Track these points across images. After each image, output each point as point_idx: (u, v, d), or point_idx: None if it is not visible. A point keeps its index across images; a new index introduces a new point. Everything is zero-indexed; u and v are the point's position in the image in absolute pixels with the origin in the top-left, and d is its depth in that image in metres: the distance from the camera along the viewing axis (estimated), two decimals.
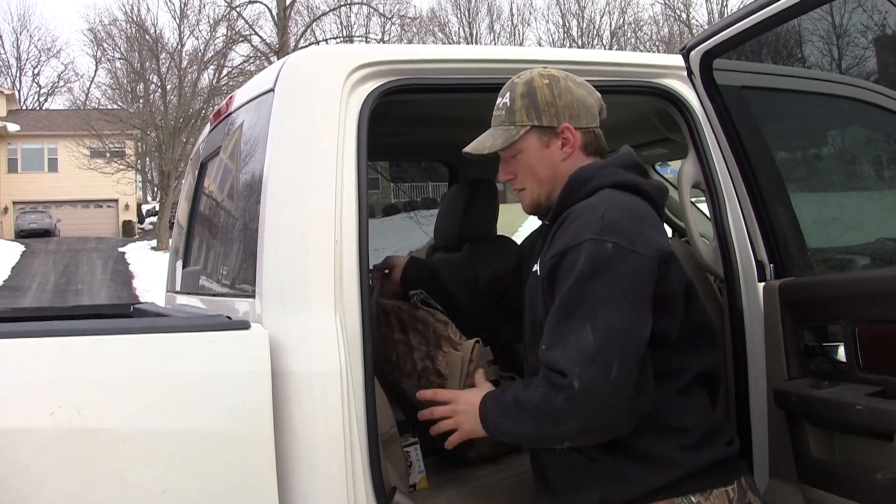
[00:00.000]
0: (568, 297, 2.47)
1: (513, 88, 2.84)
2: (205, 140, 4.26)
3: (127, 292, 29.41)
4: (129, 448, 2.52)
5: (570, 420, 2.44)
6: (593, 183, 2.70)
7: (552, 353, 2.45)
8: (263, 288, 2.84)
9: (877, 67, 3.44)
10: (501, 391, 2.73)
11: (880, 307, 2.76)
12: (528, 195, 2.87)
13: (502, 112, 2.84)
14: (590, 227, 2.50)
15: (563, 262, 2.52)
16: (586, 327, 2.41)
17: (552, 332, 2.48)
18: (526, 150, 2.81)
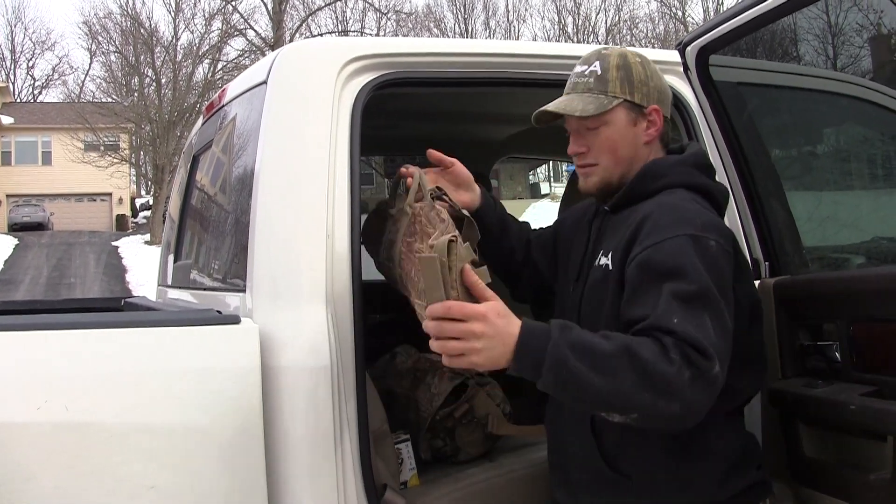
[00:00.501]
0: (686, 286, 2.26)
1: (603, 58, 2.68)
2: (197, 133, 4.24)
3: (120, 286, 29.40)
4: (118, 443, 2.50)
5: (678, 401, 2.14)
6: (667, 179, 2.61)
7: (687, 328, 2.18)
8: (254, 282, 2.82)
9: (872, 66, 3.43)
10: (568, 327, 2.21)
11: (876, 306, 2.75)
12: (600, 172, 2.68)
13: (589, 80, 2.67)
14: (688, 223, 2.39)
15: (661, 251, 2.34)
16: (706, 319, 2.23)
17: (677, 313, 2.21)
18: (612, 123, 2.65)
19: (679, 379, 2.12)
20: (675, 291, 2.25)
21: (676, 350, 2.15)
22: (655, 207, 2.49)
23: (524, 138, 5.51)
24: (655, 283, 2.30)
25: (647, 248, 2.38)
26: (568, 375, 2.14)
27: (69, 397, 2.46)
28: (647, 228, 2.44)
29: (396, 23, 56.47)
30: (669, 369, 2.12)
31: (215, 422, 2.59)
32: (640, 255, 2.38)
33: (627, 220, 2.55)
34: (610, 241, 2.61)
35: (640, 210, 2.54)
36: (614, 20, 62.81)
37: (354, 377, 2.75)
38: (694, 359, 2.14)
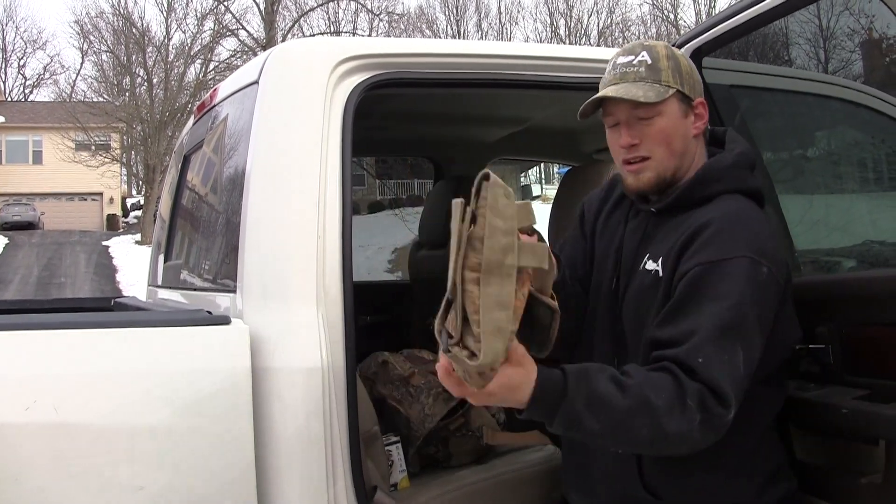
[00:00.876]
0: (728, 315, 2.24)
1: (650, 49, 2.58)
2: (188, 132, 4.23)
3: (110, 286, 29.37)
4: (106, 444, 2.49)
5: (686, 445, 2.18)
6: (723, 183, 2.54)
7: (713, 371, 2.18)
8: (245, 283, 2.81)
9: (863, 70, 3.43)
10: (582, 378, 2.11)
11: (868, 309, 2.74)
12: (654, 167, 2.55)
13: (640, 69, 2.54)
14: (747, 244, 2.34)
15: (716, 272, 2.30)
16: (739, 353, 2.22)
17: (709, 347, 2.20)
18: (666, 113, 2.53)
19: (690, 427, 2.13)
20: (716, 320, 2.24)
21: (695, 396, 2.14)
22: (717, 217, 2.42)
23: (516, 140, 5.51)
24: (698, 305, 2.28)
25: (701, 264, 2.33)
26: (580, 432, 2.13)
27: (58, 398, 2.45)
28: (704, 238, 2.38)
29: (388, 24, 56.52)
30: (682, 422, 2.12)
31: (205, 423, 2.58)
32: (693, 272, 2.34)
33: (681, 225, 2.49)
34: (660, 246, 2.53)
35: (696, 215, 2.47)
36: (606, 23, 62.95)
37: (345, 379, 2.74)
38: (709, 405, 2.15)
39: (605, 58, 3.32)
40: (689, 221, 2.47)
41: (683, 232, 2.44)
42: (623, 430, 2.13)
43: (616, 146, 2.61)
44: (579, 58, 3.37)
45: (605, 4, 67.04)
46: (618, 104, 2.54)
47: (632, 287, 2.58)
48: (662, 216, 2.60)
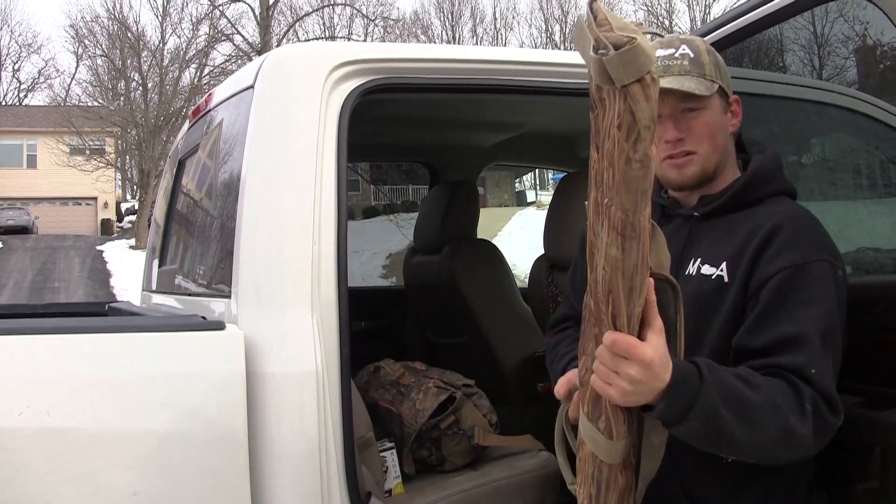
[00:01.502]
0: (826, 321, 2.22)
1: (689, 42, 2.50)
2: (183, 137, 4.23)
3: (104, 291, 29.32)
4: (100, 449, 2.48)
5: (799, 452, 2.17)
6: (773, 185, 2.50)
7: (826, 382, 2.16)
8: (240, 288, 2.80)
9: (859, 75, 3.43)
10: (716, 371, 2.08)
11: (864, 316, 2.74)
12: (698, 161, 2.49)
13: (683, 62, 2.46)
14: (824, 248, 2.32)
15: (803, 276, 2.25)
16: (831, 360, 2.20)
17: (818, 359, 2.18)
18: (712, 108, 2.47)
19: (808, 434, 2.11)
20: (818, 327, 2.21)
21: (811, 403, 2.12)
22: (786, 220, 2.36)
23: (511, 145, 5.52)
24: (791, 312, 2.24)
25: (785, 268, 2.28)
26: (715, 425, 2.05)
27: (52, 402, 2.45)
28: (781, 241, 2.32)
29: (384, 29, 56.49)
30: (804, 427, 2.10)
31: (199, 428, 2.57)
32: (779, 276, 2.27)
33: (738, 228, 2.44)
34: (716, 250, 2.45)
35: (756, 217, 2.42)
36: None
37: (340, 384, 2.74)
38: (824, 413, 2.14)
39: None
40: (750, 223, 2.41)
41: (751, 235, 2.37)
42: (756, 426, 2.08)
43: (659, 140, 2.51)
44: (575, 63, 3.37)
45: None
46: (664, 97, 2.38)
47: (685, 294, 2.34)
48: (706, 220, 2.54)
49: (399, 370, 3.70)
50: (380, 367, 3.76)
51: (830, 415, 2.14)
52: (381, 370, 3.75)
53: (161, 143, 42.19)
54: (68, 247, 42.27)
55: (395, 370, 3.71)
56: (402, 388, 3.59)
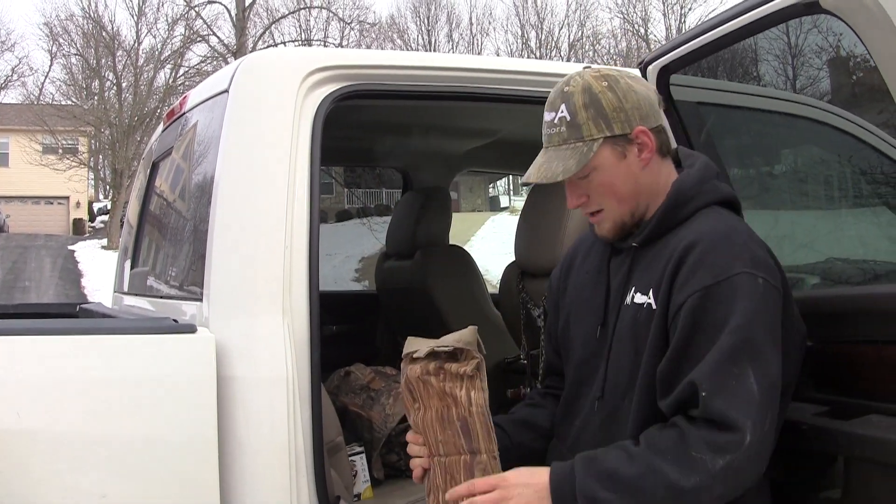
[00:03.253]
0: (729, 339, 2.19)
1: (568, 99, 2.44)
2: (157, 139, 4.23)
3: (76, 291, 29.15)
4: (69, 451, 2.48)
5: (718, 485, 2.15)
6: (699, 199, 2.45)
7: (716, 402, 2.15)
8: (211, 291, 2.81)
9: (831, 87, 3.46)
10: (590, 459, 2.25)
11: (828, 327, 2.77)
12: (608, 217, 2.49)
13: (561, 128, 2.44)
14: (738, 259, 2.26)
15: (712, 298, 2.23)
16: (749, 374, 2.16)
17: (712, 379, 2.17)
18: (600, 166, 2.42)
19: (711, 475, 2.13)
20: (721, 346, 2.20)
21: (699, 445, 2.15)
22: (699, 237, 2.34)
23: (484, 152, 5.54)
24: (701, 337, 2.24)
25: (695, 292, 2.26)
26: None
27: (21, 404, 2.44)
28: (691, 263, 2.30)
29: (360, 33, 56.43)
30: (694, 476, 2.14)
31: (169, 431, 2.58)
32: (689, 302, 2.26)
33: (664, 251, 2.41)
34: (645, 277, 2.45)
35: (677, 238, 2.39)
36: (577, 36, 63.00)
37: (310, 389, 2.75)
38: (720, 443, 2.14)
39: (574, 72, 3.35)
40: (671, 245, 2.40)
41: (669, 258, 2.37)
42: (640, 495, 2.16)
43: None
44: (547, 72, 3.39)
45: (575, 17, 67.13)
46: None
47: (621, 324, 2.49)
48: (645, 248, 2.51)
49: (369, 375, 3.71)
50: (350, 372, 3.77)
51: (729, 436, 2.14)
52: (352, 374, 3.76)
53: (135, 144, 41.95)
54: (39, 246, 42.00)
55: (366, 375, 3.72)
56: (372, 393, 3.59)
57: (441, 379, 2.39)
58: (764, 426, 2.17)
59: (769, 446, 2.22)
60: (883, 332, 2.53)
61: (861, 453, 2.43)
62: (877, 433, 2.40)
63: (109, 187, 51.66)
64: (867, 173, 3.51)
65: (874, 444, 2.37)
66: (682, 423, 2.20)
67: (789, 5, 2.51)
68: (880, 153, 3.18)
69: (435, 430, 2.41)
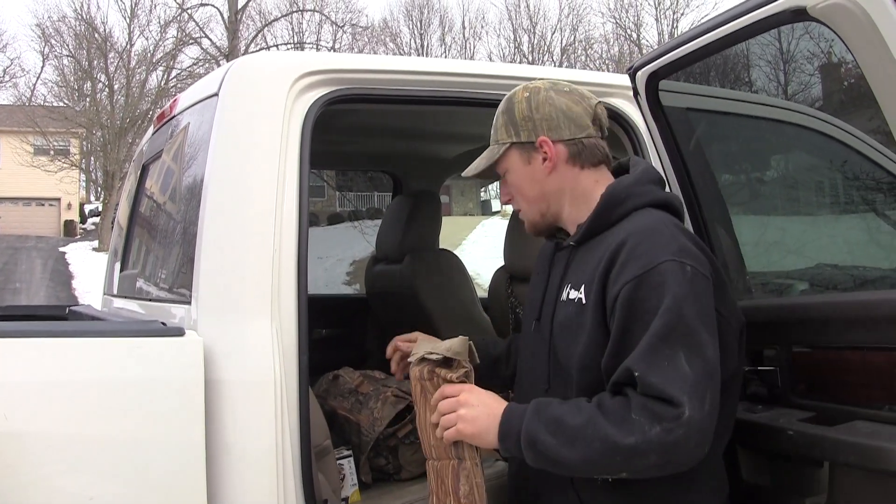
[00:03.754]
0: (661, 321, 2.27)
1: (502, 104, 2.74)
2: (147, 142, 4.23)
3: (66, 293, 29.10)
4: (57, 453, 2.48)
5: (653, 454, 2.21)
6: (630, 203, 2.56)
7: (651, 379, 2.23)
8: (200, 294, 2.81)
9: (821, 94, 3.47)
10: (544, 404, 2.42)
11: (815, 333, 2.78)
12: (526, 215, 2.76)
13: (493, 131, 2.75)
14: (665, 249, 2.36)
15: (643, 287, 2.32)
16: (680, 355, 2.24)
17: (644, 359, 2.26)
18: (511, 169, 2.70)
19: (646, 438, 2.20)
20: (653, 330, 2.27)
21: (639, 409, 2.22)
22: (629, 234, 2.45)
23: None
24: (636, 325, 2.32)
25: (627, 282, 2.35)
26: (542, 449, 2.35)
27: (9, 406, 2.44)
28: (623, 257, 2.40)
29: (352, 36, 56.42)
30: (631, 436, 2.21)
31: (157, 434, 2.57)
32: (622, 293, 2.35)
33: (597, 250, 2.52)
34: (578, 274, 2.57)
35: (610, 237, 2.50)
36: (569, 40, 63.02)
37: (298, 392, 2.75)
38: (658, 411, 2.20)
39: (566, 79, 3.35)
40: (604, 244, 2.50)
41: (602, 255, 2.47)
42: (578, 444, 2.28)
43: None
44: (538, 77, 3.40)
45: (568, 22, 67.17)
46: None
47: (557, 319, 2.62)
48: (580, 246, 2.64)
49: (358, 378, 3.71)
50: (339, 376, 3.77)
51: (668, 408, 2.20)
52: (340, 378, 3.75)
53: (126, 146, 41.90)
54: (30, 247, 41.97)
55: (354, 378, 3.72)
56: (360, 397, 3.59)
57: (434, 384, 2.61)
58: (703, 406, 2.22)
59: (709, 430, 2.26)
60: (867, 338, 2.54)
61: (846, 459, 2.44)
62: (861, 439, 2.41)
63: (101, 189, 51.57)
64: (856, 179, 3.52)
65: (859, 450, 2.39)
66: (630, 392, 2.28)
67: (777, 13, 2.53)
68: (869, 160, 3.19)
69: (429, 433, 2.62)
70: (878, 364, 2.50)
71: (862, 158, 3.24)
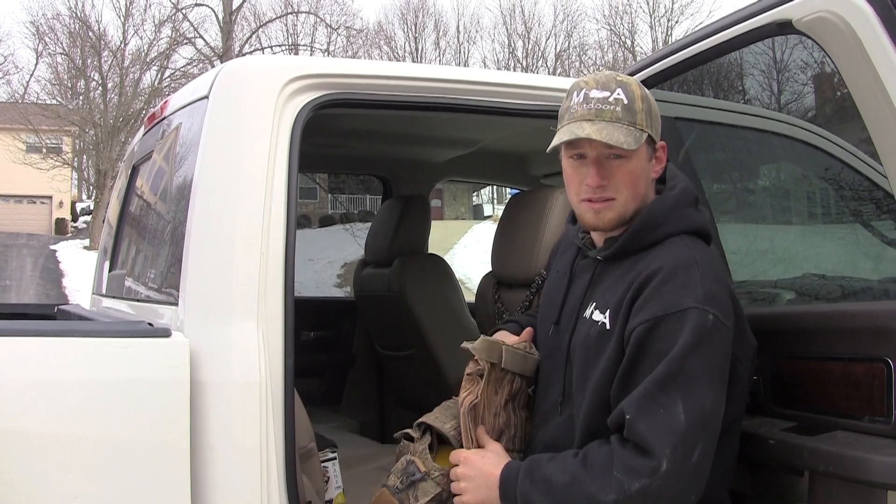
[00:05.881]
0: (664, 368, 2.27)
1: (625, 86, 2.52)
2: (138, 142, 4.24)
3: (56, 291, 29.05)
4: (41, 452, 2.49)
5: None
6: (667, 227, 2.51)
7: (638, 426, 2.26)
8: (187, 296, 2.82)
9: (814, 104, 3.48)
10: (536, 463, 2.48)
11: (797, 343, 2.79)
12: (618, 207, 2.54)
13: (616, 108, 2.49)
14: (690, 294, 2.33)
15: (660, 328, 2.32)
16: (678, 404, 2.24)
17: (639, 403, 2.28)
18: (637, 157, 2.52)
19: (625, 495, 2.24)
20: (654, 375, 2.29)
21: (620, 464, 2.27)
22: (660, 266, 2.42)
23: (465, 162, 5.56)
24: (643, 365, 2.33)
25: (645, 321, 2.35)
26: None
27: None
28: (649, 291, 2.38)
29: (347, 39, 56.37)
30: (611, 493, 2.26)
31: (142, 434, 2.58)
32: (638, 331, 2.36)
33: (627, 274, 2.49)
34: (606, 296, 2.54)
35: (641, 263, 2.47)
36: (564, 46, 63.13)
37: (283, 394, 2.76)
38: (637, 467, 2.24)
39: (558, 86, 3.37)
40: (636, 269, 2.47)
41: (632, 282, 2.44)
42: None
43: (578, 182, 2.58)
44: (527, 85, 3.42)
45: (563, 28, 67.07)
46: (591, 141, 2.48)
47: (577, 336, 2.60)
48: (609, 263, 2.60)
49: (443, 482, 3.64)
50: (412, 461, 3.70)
51: (642, 460, 2.24)
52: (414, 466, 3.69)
53: (119, 144, 41.82)
54: (21, 245, 41.86)
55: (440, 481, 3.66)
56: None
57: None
58: (690, 456, 2.23)
59: (696, 477, 2.27)
60: (848, 349, 2.56)
61: (825, 468, 2.46)
62: (841, 449, 2.43)
63: (93, 188, 51.40)
64: (843, 190, 3.54)
65: (838, 460, 2.40)
66: (615, 443, 2.31)
67: (763, 25, 2.55)
68: (856, 171, 3.21)
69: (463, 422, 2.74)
70: (858, 375, 2.52)
71: (849, 169, 3.26)
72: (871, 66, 2.22)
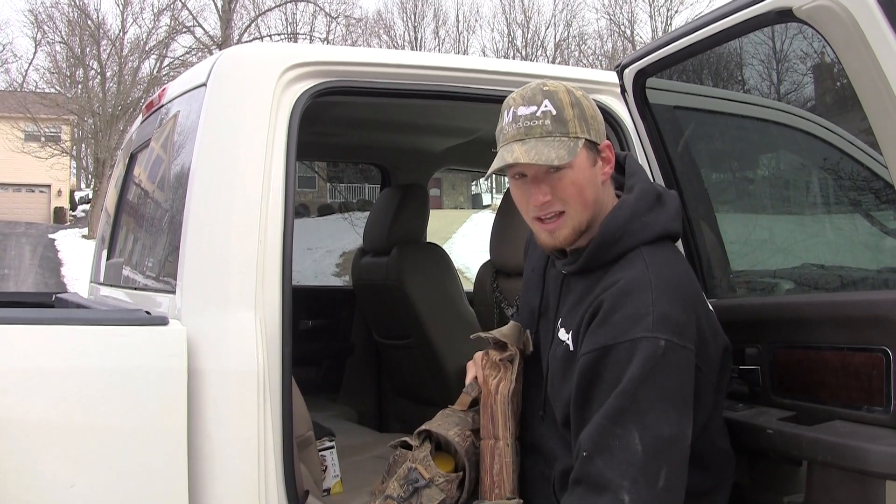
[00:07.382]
0: (615, 401, 2.22)
1: (551, 95, 2.44)
2: (136, 130, 4.23)
3: (55, 279, 29.05)
4: (40, 440, 2.49)
5: None
6: (624, 242, 2.45)
7: (596, 462, 2.21)
8: (184, 284, 2.82)
9: (813, 94, 3.48)
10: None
11: (796, 332, 2.79)
12: (569, 221, 2.46)
13: (545, 122, 2.41)
14: (639, 322, 2.27)
15: (608, 359, 2.28)
16: (633, 434, 2.19)
17: (594, 440, 2.24)
18: (577, 166, 2.42)
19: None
20: (606, 409, 2.24)
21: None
22: (613, 291, 2.36)
23: (463, 151, 5.55)
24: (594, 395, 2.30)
25: (594, 350, 2.31)
26: None
27: None
28: (599, 318, 2.34)
29: (346, 28, 56.27)
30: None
31: (139, 423, 2.58)
32: (584, 359, 2.33)
33: (588, 294, 2.45)
34: (570, 315, 2.51)
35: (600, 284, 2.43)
36: (563, 35, 62.99)
37: (281, 383, 2.76)
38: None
39: (555, 75, 3.36)
40: (596, 290, 2.43)
41: (590, 305, 2.41)
42: None
43: (525, 202, 2.52)
44: (525, 73, 3.41)
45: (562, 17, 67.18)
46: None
47: (552, 353, 2.59)
48: (574, 277, 2.57)
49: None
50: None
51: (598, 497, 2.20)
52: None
53: (118, 133, 41.76)
54: (20, 234, 41.84)
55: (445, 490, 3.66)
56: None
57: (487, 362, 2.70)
58: (654, 484, 2.19)
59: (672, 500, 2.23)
60: (847, 338, 2.56)
61: (823, 458, 2.45)
62: (840, 439, 2.42)
63: (91, 176, 51.40)
64: (843, 179, 3.53)
65: (836, 450, 2.40)
66: (575, 488, 2.28)
67: (763, 13, 2.54)
68: (856, 161, 3.20)
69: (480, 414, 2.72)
70: (857, 364, 2.51)
71: (848, 159, 3.25)
72: (871, 56, 2.21)
